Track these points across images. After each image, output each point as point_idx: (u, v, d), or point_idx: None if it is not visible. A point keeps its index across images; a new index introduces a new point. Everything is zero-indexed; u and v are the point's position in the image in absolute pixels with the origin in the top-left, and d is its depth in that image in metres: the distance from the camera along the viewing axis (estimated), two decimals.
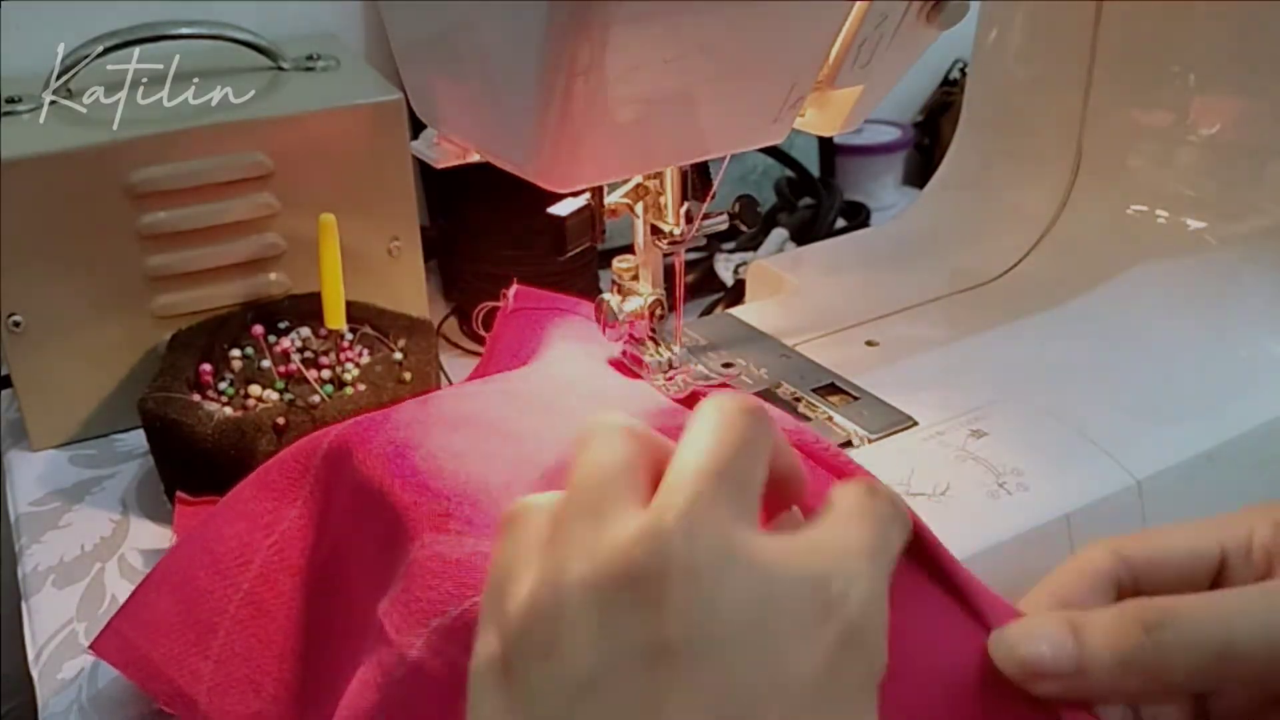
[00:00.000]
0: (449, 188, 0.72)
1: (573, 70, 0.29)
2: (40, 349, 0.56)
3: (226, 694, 0.40)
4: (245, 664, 0.40)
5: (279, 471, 0.42)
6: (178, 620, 0.41)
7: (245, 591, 0.41)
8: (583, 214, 0.37)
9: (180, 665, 0.40)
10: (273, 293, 0.60)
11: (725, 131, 0.35)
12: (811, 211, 0.81)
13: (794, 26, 0.33)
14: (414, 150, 0.38)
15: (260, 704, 0.40)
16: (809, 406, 0.43)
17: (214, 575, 0.41)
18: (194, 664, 0.40)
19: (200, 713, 0.40)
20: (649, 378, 0.41)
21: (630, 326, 0.41)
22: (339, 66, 0.64)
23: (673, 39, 0.30)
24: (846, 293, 0.54)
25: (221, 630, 0.40)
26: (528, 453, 0.37)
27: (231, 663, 0.40)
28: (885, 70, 0.38)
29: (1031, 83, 0.59)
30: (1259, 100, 0.50)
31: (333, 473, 0.40)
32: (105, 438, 0.59)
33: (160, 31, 0.60)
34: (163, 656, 0.40)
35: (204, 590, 0.41)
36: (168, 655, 0.40)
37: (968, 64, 0.71)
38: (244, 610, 0.40)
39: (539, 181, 0.33)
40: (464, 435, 0.38)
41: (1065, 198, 0.57)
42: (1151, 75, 0.53)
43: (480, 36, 0.31)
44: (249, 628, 0.40)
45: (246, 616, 0.40)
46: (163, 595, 0.41)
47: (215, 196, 0.57)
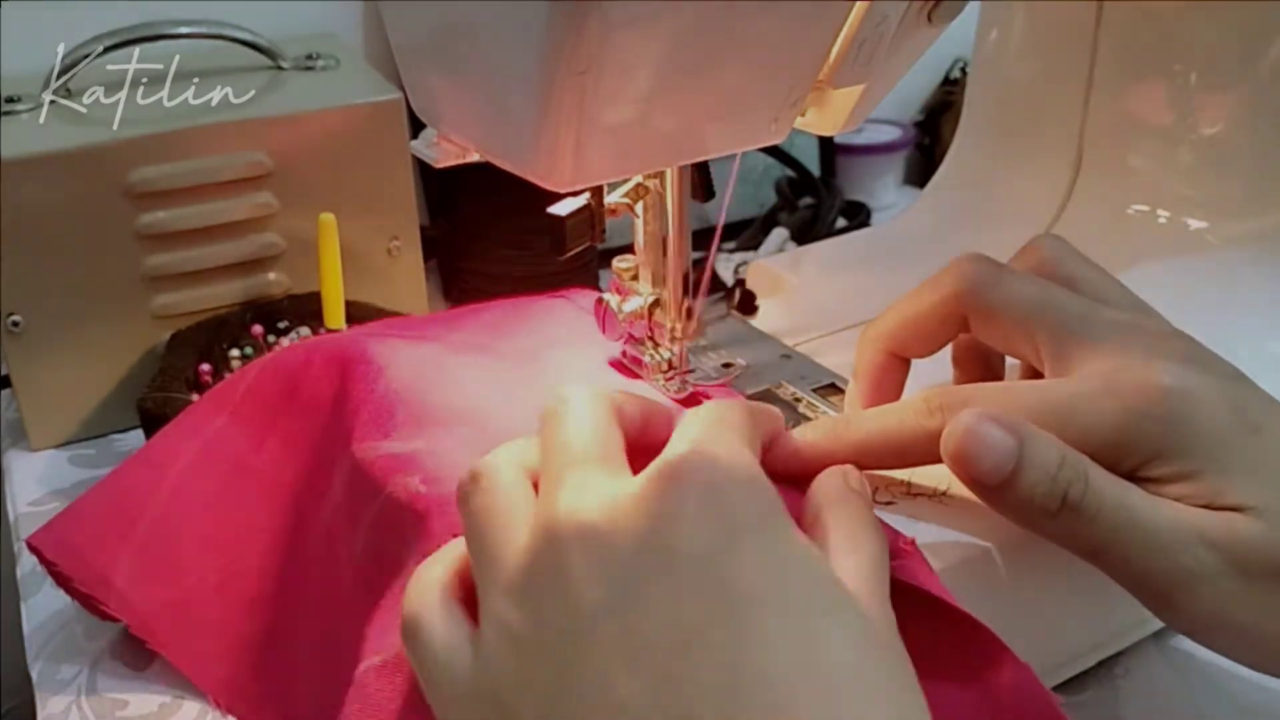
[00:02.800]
0: (449, 187, 0.72)
1: (572, 70, 0.29)
2: (40, 349, 0.56)
3: (143, 579, 0.41)
4: (165, 553, 0.41)
5: (216, 389, 0.45)
6: (105, 512, 0.43)
7: (169, 486, 0.42)
8: (583, 214, 0.37)
9: (101, 549, 0.42)
10: (272, 292, 0.60)
11: (725, 131, 0.35)
12: (811, 211, 0.81)
13: (794, 26, 0.33)
14: (414, 150, 0.38)
15: (176, 592, 0.41)
16: (809, 406, 0.43)
17: (142, 471, 0.43)
18: (115, 549, 0.42)
19: (116, 594, 0.41)
20: (649, 378, 0.41)
21: (630, 326, 0.41)
22: (338, 66, 0.64)
23: (673, 39, 0.30)
24: (846, 293, 0.54)
25: (144, 521, 0.42)
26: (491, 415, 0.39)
27: (151, 551, 0.41)
28: (886, 70, 0.38)
29: (1032, 82, 0.59)
30: (1259, 100, 0.50)
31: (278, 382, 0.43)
32: (104, 438, 0.59)
33: (160, 31, 0.60)
34: (86, 542, 0.42)
35: (131, 485, 0.43)
36: (91, 541, 0.42)
37: (968, 63, 0.71)
38: (167, 503, 0.42)
39: (539, 181, 0.33)
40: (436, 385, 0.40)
41: (1066, 197, 0.57)
42: (1152, 75, 0.53)
43: (480, 36, 0.31)
44: (170, 519, 0.42)
45: (168, 508, 0.42)
46: (96, 494, 0.44)
47: (214, 196, 0.57)
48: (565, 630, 0.26)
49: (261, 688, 0.40)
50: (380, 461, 0.37)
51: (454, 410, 0.38)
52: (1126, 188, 0.55)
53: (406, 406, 0.38)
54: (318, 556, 0.39)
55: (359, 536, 0.37)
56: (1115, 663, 0.42)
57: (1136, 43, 0.53)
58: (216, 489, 0.42)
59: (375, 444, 0.37)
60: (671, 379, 0.41)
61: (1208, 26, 0.51)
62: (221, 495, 0.42)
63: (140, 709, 0.41)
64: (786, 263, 0.58)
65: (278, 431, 0.42)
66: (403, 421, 0.38)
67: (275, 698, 0.40)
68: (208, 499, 0.42)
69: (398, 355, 0.41)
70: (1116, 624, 0.41)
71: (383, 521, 0.36)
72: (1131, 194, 0.54)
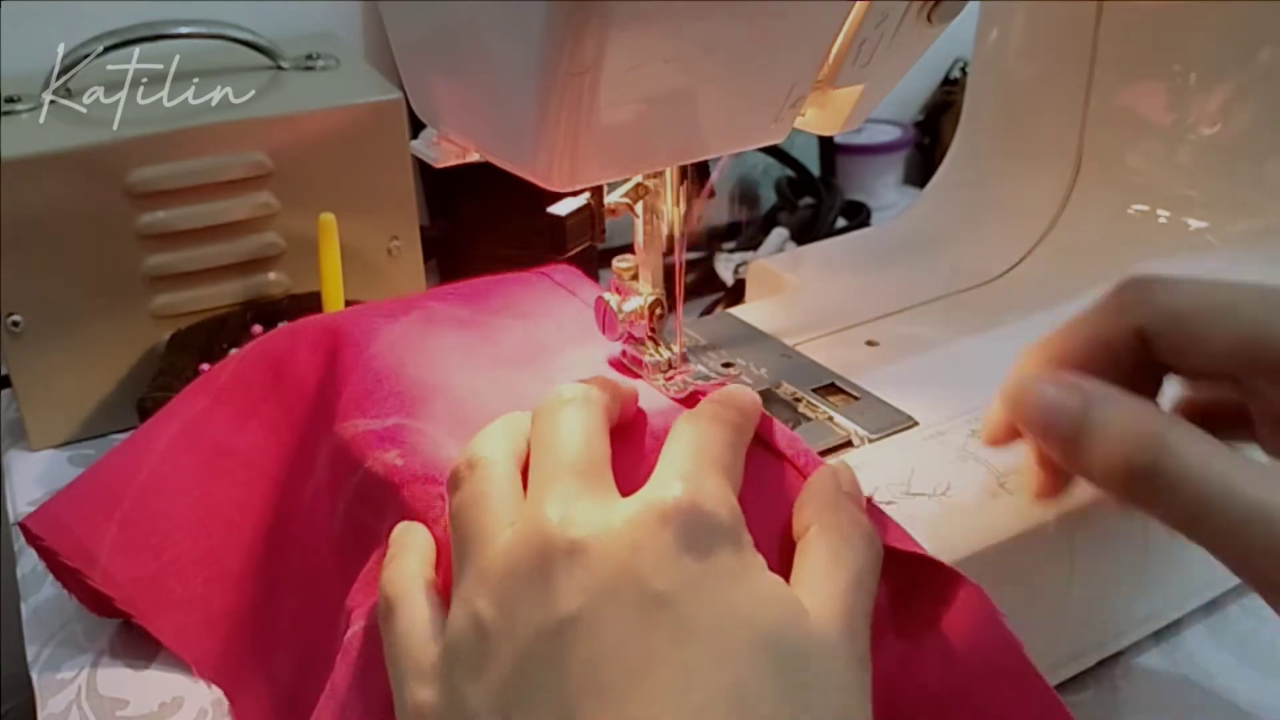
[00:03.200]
0: (448, 187, 0.73)
1: (572, 70, 0.29)
2: (39, 349, 0.56)
3: (126, 554, 0.42)
4: (146, 528, 0.43)
5: (201, 376, 0.46)
6: (91, 492, 0.44)
7: (151, 465, 0.44)
8: (583, 214, 0.37)
9: (86, 524, 0.43)
10: (272, 292, 0.60)
11: (725, 131, 0.35)
12: (812, 211, 0.81)
13: (794, 26, 0.33)
14: (413, 150, 0.38)
15: (158, 566, 0.42)
16: (809, 406, 0.43)
17: (127, 453, 0.45)
18: (99, 524, 0.43)
19: (100, 568, 0.42)
20: (649, 378, 0.41)
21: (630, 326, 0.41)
22: (338, 66, 0.64)
23: (673, 39, 0.30)
24: (846, 293, 0.54)
25: (127, 498, 0.43)
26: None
27: (133, 527, 0.43)
28: (886, 70, 0.38)
29: (1032, 82, 0.59)
30: (1259, 100, 0.50)
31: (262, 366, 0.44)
32: (104, 437, 0.59)
33: (160, 31, 0.60)
34: (73, 520, 0.43)
35: (117, 466, 0.44)
36: (77, 518, 0.43)
37: (968, 63, 0.71)
38: (148, 481, 0.43)
39: (539, 181, 0.33)
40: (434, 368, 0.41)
41: (1066, 197, 0.57)
42: (1152, 75, 0.53)
43: (480, 36, 0.31)
44: (151, 497, 0.43)
45: (149, 486, 0.43)
46: (84, 477, 0.45)
47: (214, 196, 0.57)
48: (533, 633, 0.27)
49: (244, 660, 0.41)
50: (360, 438, 0.37)
51: (433, 386, 0.39)
52: (1126, 188, 0.55)
53: (386, 384, 0.39)
54: (299, 533, 0.40)
55: (339, 510, 0.38)
56: (1115, 663, 0.42)
57: (1136, 43, 0.53)
58: (196, 467, 0.43)
59: (355, 422, 0.38)
60: (671, 379, 0.41)
61: (1208, 26, 0.51)
62: (201, 474, 0.43)
63: (140, 709, 0.41)
64: (786, 263, 0.58)
65: (261, 414, 0.43)
66: (382, 399, 0.38)
67: (258, 671, 0.41)
68: (188, 477, 0.43)
69: (380, 335, 0.41)
70: (1116, 624, 0.41)
71: (361, 495, 0.37)
72: (1131, 194, 0.54)
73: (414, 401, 0.38)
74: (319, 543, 0.39)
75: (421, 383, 0.39)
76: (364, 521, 0.37)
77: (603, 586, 0.27)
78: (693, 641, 0.26)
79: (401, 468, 0.36)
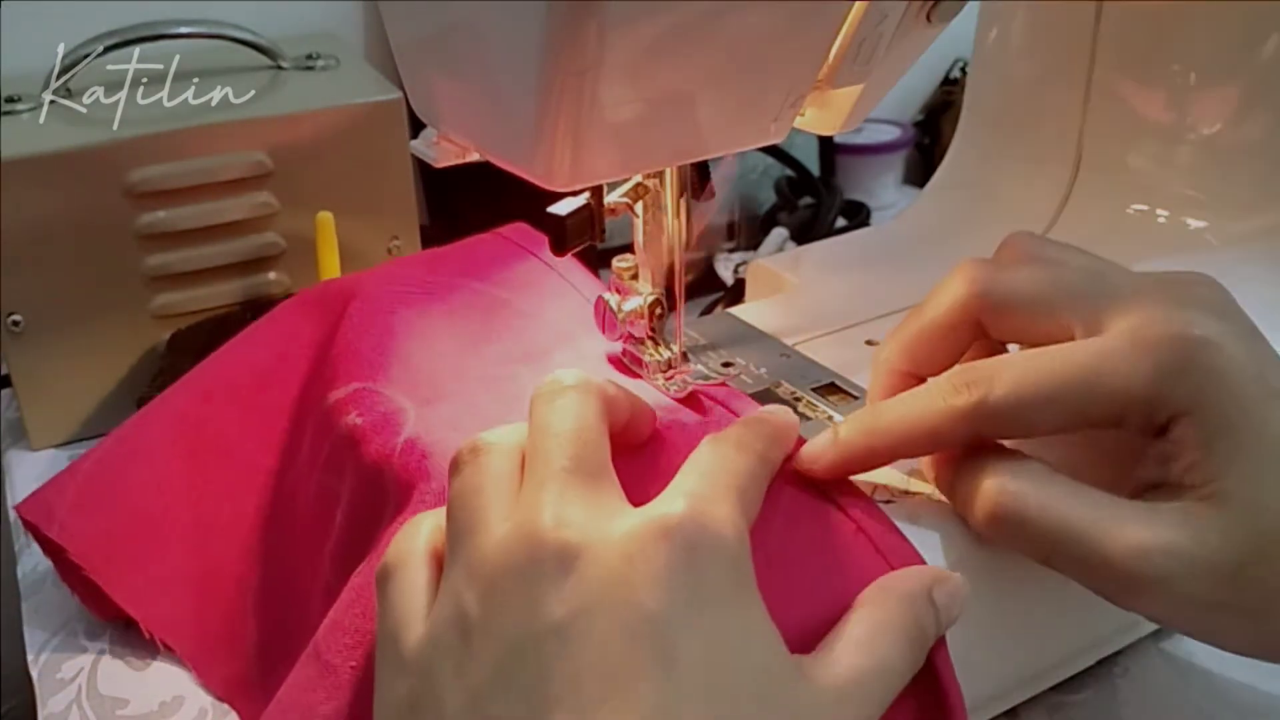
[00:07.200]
0: (449, 187, 0.72)
1: (572, 70, 0.29)
2: (40, 349, 0.56)
3: (84, 509, 0.43)
4: (105, 485, 0.44)
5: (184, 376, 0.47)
6: (70, 468, 0.46)
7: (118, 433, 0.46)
8: (583, 213, 0.37)
9: (55, 490, 0.44)
10: (272, 292, 0.60)
11: (725, 131, 0.35)
12: (811, 211, 0.81)
13: (794, 26, 0.33)
14: (413, 149, 0.38)
15: (112, 523, 0.43)
16: (809, 406, 0.43)
17: (115, 438, 0.46)
18: (63, 485, 0.44)
19: (58, 523, 0.43)
20: (649, 378, 0.41)
21: (630, 326, 0.41)
22: (338, 66, 0.64)
23: (672, 39, 0.30)
24: (846, 293, 0.54)
25: (90, 460, 0.45)
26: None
27: (93, 483, 0.44)
28: (885, 70, 0.38)
29: (1032, 82, 0.59)
30: (1259, 100, 0.50)
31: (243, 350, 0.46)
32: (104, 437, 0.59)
33: (160, 31, 0.60)
34: (51, 493, 0.45)
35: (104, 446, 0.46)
36: (52, 488, 0.45)
37: (968, 63, 0.71)
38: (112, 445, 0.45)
39: (539, 181, 0.33)
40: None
41: (1065, 197, 0.57)
42: (1151, 75, 0.53)
43: (480, 36, 0.31)
44: (113, 458, 0.45)
45: (113, 449, 0.45)
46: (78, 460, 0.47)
47: (214, 196, 0.57)
48: (516, 635, 0.26)
49: (204, 625, 0.41)
50: (335, 405, 0.39)
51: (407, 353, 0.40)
52: (1126, 187, 0.55)
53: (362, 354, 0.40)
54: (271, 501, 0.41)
55: (314, 477, 0.39)
56: (1115, 663, 0.42)
57: (1136, 43, 0.53)
58: (159, 434, 0.44)
59: (333, 392, 0.39)
60: (671, 378, 0.41)
61: (1207, 26, 0.51)
62: (163, 437, 0.44)
63: (140, 708, 0.41)
64: (786, 262, 0.58)
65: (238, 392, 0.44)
66: (358, 366, 0.39)
67: (220, 635, 0.41)
68: (151, 441, 0.44)
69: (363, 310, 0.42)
70: (1115, 623, 0.41)
71: (332, 460, 0.38)
72: (1131, 194, 0.54)
73: (373, 367, 0.39)
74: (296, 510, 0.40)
75: (397, 351, 0.40)
76: (328, 485, 0.38)
77: (593, 598, 0.26)
78: (678, 669, 0.26)
79: (360, 424, 0.37)
